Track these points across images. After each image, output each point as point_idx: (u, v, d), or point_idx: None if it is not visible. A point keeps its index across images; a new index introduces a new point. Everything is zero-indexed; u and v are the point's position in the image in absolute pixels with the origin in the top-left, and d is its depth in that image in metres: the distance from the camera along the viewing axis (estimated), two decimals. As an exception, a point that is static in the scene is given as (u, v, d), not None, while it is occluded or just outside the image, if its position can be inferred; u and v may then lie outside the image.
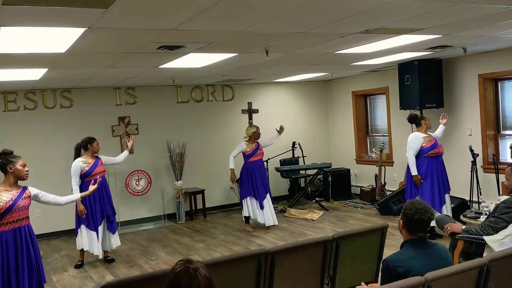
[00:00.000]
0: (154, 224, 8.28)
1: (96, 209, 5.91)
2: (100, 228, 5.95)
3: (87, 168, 5.83)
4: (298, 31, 4.26)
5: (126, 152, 6.58)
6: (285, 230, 7.22)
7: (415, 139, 6.08)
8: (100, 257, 6.06)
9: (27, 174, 4.08)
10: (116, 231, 6.22)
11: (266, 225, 7.27)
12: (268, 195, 7.31)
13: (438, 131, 6.43)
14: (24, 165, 4.05)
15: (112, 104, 8.22)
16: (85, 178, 5.78)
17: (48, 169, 7.45)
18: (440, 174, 6.08)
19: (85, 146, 5.95)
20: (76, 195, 4.89)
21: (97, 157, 6.02)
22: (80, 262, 6.08)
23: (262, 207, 7.22)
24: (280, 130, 7.78)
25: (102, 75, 6.39)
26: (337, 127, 10.15)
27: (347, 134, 9.81)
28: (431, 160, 6.03)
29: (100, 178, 5.48)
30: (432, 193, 5.99)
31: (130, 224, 8.20)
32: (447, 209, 6.10)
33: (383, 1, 3.36)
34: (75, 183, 5.79)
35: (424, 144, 6.04)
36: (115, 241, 6.16)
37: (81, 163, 5.83)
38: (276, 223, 7.33)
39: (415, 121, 6.22)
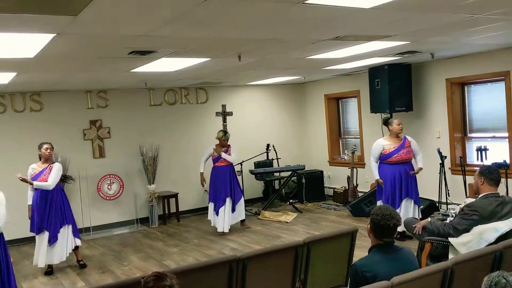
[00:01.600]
0: (127, 229, 8.19)
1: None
2: (60, 235, 5.83)
3: (34, 175, 5.74)
4: (269, 37, 4.31)
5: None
6: (259, 233, 7.26)
7: (376, 146, 6.29)
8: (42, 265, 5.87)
9: None
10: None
11: (217, 231, 7.26)
12: (228, 201, 7.22)
13: (418, 158, 6.39)
14: None
15: (84, 108, 8.10)
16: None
17: (15, 173, 7.27)
18: (399, 181, 6.12)
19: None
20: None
21: (51, 165, 5.76)
22: (50, 269, 5.98)
23: (217, 214, 7.24)
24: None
25: (73, 79, 6.31)
26: (310, 130, 10.25)
27: (320, 137, 9.92)
28: (391, 167, 6.14)
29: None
30: (391, 198, 6.11)
31: (102, 228, 8.10)
32: (406, 214, 6.06)
33: (352, 10, 3.44)
34: (30, 188, 5.77)
35: (383, 152, 6.18)
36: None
37: (30, 170, 5.79)
38: (226, 231, 7.19)
39: (386, 124, 6.41)
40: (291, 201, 8.95)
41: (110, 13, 3.06)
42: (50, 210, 5.76)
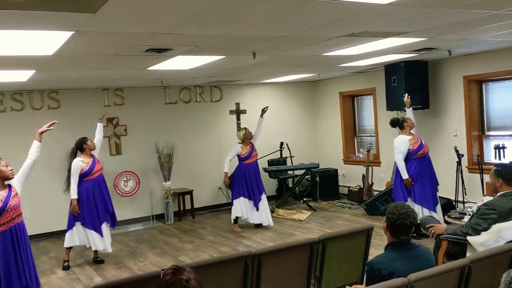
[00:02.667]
0: (143, 225, 8.28)
1: (98, 207, 5.96)
2: (104, 226, 6.03)
3: (86, 168, 5.90)
4: (284, 35, 4.31)
5: (99, 125, 6.37)
6: (273, 231, 7.27)
7: (402, 143, 6.13)
8: (109, 250, 6.10)
9: (12, 172, 4.13)
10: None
11: (263, 225, 7.37)
12: (263, 196, 7.38)
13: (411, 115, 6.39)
14: (7, 165, 4.10)
15: (101, 105, 8.19)
16: (84, 178, 5.86)
17: (34, 170, 7.38)
18: (429, 173, 6.15)
19: (80, 148, 5.98)
20: (34, 142, 4.79)
21: (92, 155, 6.06)
22: (66, 263, 6.07)
23: (257, 209, 7.30)
24: (263, 112, 7.58)
25: (90, 77, 6.38)
26: (324, 128, 10.22)
27: (334, 135, 9.88)
28: (419, 161, 6.10)
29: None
30: (425, 194, 6.04)
31: (118, 225, 8.06)
32: (440, 209, 6.16)
33: (368, 6, 3.42)
34: (75, 182, 5.84)
35: (411, 147, 6.10)
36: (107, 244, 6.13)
37: (80, 163, 5.89)
38: (272, 224, 7.37)
39: (397, 124, 6.29)
40: (305, 199, 8.94)
41: (127, 11, 3.09)
42: (107, 194, 6.12)
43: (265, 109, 7.64)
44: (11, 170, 4.12)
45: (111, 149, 8.24)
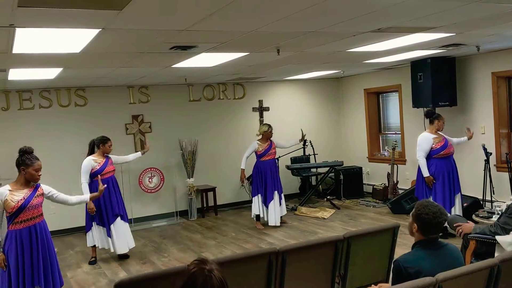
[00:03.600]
0: (167, 221, 8.36)
1: (107, 207, 5.99)
2: (113, 226, 6.02)
3: (97, 167, 5.92)
4: (310, 30, 4.27)
5: (138, 154, 6.72)
6: (295, 229, 7.24)
7: (425, 140, 6.03)
8: (119, 252, 6.11)
9: (39, 178, 4.07)
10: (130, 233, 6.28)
11: (269, 224, 7.32)
12: (276, 194, 7.33)
13: (457, 140, 6.34)
14: (38, 170, 4.02)
15: (126, 103, 8.30)
16: (94, 177, 5.84)
17: (61, 167, 7.54)
18: (451, 175, 6.03)
19: (98, 145, 6.04)
20: (86, 196, 4.84)
21: (107, 156, 6.10)
22: (93, 259, 6.17)
23: (267, 207, 7.29)
24: (302, 138, 7.93)
25: (115, 74, 6.46)
26: (349, 125, 10.12)
27: (359, 132, 9.78)
28: (441, 161, 5.99)
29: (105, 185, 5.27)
30: (443, 195, 5.95)
31: (142, 220, 8.29)
32: (455, 211, 6.04)
33: (395, 1, 3.36)
34: (85, 180, 5.89)
35: (434, 146, 5.99)
36: (130, 242, 6.22)
37: (92, 162, 5.93)
38: (278, 224, 7.31)
39: (431, 116, 6.13)
40: (328, 197, 8.88)
41: (153, 8, 3.11)
42: (119, 195, 6.17)
43: (304, 135, 7.96)
44: (39, 176, 4.06)
45: (136, 146, 8.34)
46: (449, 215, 5.22)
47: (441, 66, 7.20)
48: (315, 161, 9.40)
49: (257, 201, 7.34)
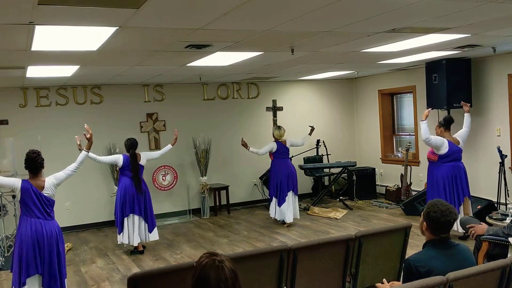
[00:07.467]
0: (179, 219, 8.43)
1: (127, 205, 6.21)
2: (137, 219, 6.24)
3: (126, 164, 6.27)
4: (324, 30, 4.29)
5: (169, 146, 6.90)
6: (307, 228, 7.25)
7: (439, 139, 5.96)
8: (126, 242, 6.32)
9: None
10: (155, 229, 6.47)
11: (279, 220, 7.44)
12: (291, 193, 7.37)
13: (465, 125, 6.21)
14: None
15: (141, 101, 8.39)
16: (125, 170, 6.27)
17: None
18: (458, 181, 5.93)
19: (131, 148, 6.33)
20: (82, 153, 5.19)
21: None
22: (135, 250, 6.39)
23: (279, 205, 7.36)
24: (311, 131, 8.04)
25: (131, 73, 6.54)
26: (362, 126, 10.09)
27: (372, 133, 9.75)
28: (450, 167, 5.92)
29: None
30: (450, 197, 5.89)
31: (156, 218, 8.32)
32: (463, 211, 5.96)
33: (410, 1, 3.36)
34: (104, 157, 6.19)
35: (444, 147, 5.93)
36: (152, 236, 6.41)
37: (124, 159, 6.24)
38: (291, 220, 7.36)
39: (448, 123, 6.05)
40: (341, 198, 8.86)
41: (169, 6, 3.16)
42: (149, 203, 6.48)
43: (313, 129, 8.08)
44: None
45: (150, 143, 8.42)
46: (462, 216, 5.20)
47: (456, 67, 7.15)
48: (328, 162, 9.39)
49: (273, 202, 7.46)
